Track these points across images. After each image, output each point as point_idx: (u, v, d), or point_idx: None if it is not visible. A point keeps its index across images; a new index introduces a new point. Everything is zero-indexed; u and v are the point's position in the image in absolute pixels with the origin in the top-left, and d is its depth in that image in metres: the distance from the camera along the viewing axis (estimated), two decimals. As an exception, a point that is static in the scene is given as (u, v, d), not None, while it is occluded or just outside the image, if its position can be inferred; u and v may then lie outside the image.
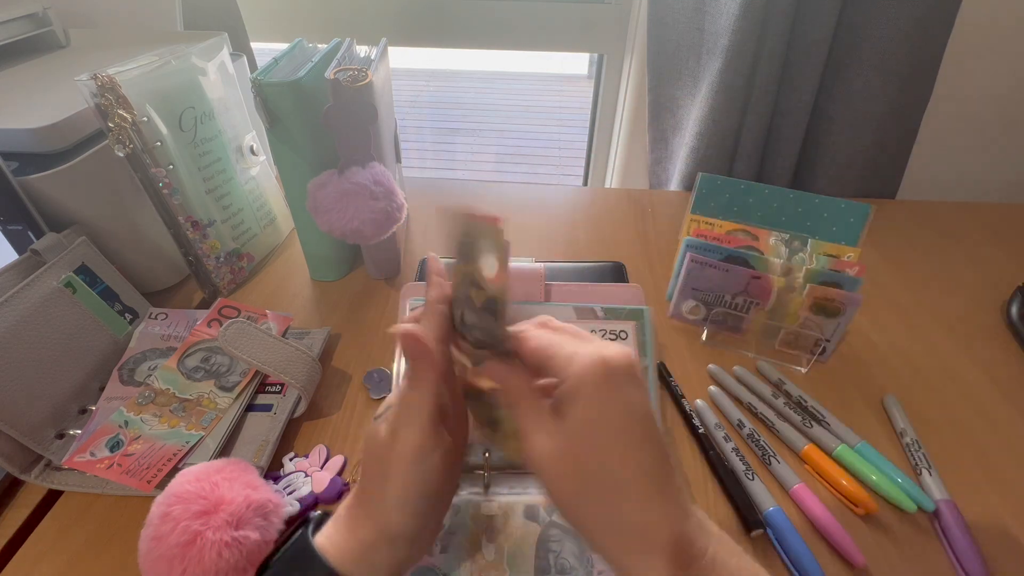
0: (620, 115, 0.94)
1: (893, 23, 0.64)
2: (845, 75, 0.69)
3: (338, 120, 0.47)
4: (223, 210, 0.57)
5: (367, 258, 0.60)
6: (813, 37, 0.66)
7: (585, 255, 0.64)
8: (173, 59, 0.51)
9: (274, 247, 0.65)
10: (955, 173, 0.85)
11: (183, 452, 0.40)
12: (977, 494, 0.40)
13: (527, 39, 0.87)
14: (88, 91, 0.44)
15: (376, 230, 0.50)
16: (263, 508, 0.34)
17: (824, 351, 0.50)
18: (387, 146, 0.56)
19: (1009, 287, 0.58)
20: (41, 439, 0.40)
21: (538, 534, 0.36)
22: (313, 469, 0.41)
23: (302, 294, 0.59)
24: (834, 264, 0.48)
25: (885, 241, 0.67)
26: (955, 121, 0.80)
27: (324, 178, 0.50)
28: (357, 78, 0.46)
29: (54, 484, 0.40)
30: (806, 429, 0.44)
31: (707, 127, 0.73)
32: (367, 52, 0.57)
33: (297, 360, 0.44)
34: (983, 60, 0.75)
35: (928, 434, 0.44)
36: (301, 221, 0.56)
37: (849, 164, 0.74)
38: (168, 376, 0.45)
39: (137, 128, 0.46)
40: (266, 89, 0.47)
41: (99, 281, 0.47)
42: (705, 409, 0.46)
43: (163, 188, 0.50)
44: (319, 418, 0.46)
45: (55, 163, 0.45)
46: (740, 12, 0.63)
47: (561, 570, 0.34)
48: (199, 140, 0.53)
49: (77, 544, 0.37)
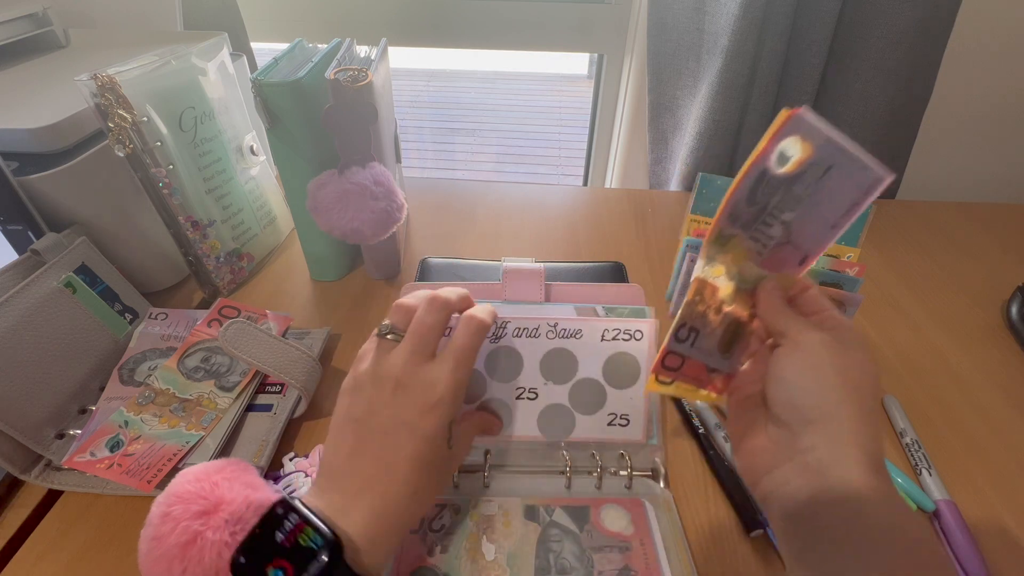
0: (620, 115, 0.94)
1: (893, 23, 0.64)
2: (845, 75, 0.69)
3: (338, 120, 0.47)
4: (223, 210, 0.57)
5: (367, 258, 0.60)
6: (813, 37, 0.66)
7: (585, 255, 0.64)
8: (173, 59, 0.51)
9: (274, 247, 0.65)
10: (955, 173, 0.85)
11: (183, 452, 0.40)
12: (977, 494, 0.40)
13: (527, 39, 0.87)
14: (88, 91, 0.44)
15: (376, 230, 0.50)
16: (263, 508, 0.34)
17: (824, 351, 0.50)
18: (387, 146, 0.56)
19: (1009, 287, 0.58)
20: (41, 439, 0.40)
21: (538, 534, 0.36)
22: (313, 469, 0.41)
23: (302, 294, 0.59)
24: (834, 264, 0.48)
25: (885, 241, 0.67)
26: (955, 121, 0.80)
27: (324, 178, 0.50)
28: (357, 78, 0.46)
29: (54, 484, 0.40)
30: (806, 429, 0.44)
31: (707, 127, 0.73)
32: (367, 52, 0.57)
33: (297, 360, 0.44)
34: (983, 60, 0.75)
35: (928, 434, 0.44)
36: (301, 221, 0.56)
37: (849, 164, 0.74)
38: (168, 376, 0.45)
39: (137, 128, 0.46)
40: (266, 89, 0.47)
41: (99, 281, 0.47)
42: (705, 409, 0.46)
43: (163, 188, 0.50)
44: (319, 418, 0.46)
45: (55, 163, 0.45)
46: (740, 12, 0.63)
47: (561, 570, 0.34)
48: (199, 140, 0.53)
49: (77, 544, 0.37)
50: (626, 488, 0.39)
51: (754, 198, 0.28)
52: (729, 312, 0.31)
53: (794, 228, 0.29)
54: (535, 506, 0.38)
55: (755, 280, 0.30)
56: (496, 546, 0.36)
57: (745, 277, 0.30)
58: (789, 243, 0.29)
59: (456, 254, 0.63)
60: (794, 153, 0.27)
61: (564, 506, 0.38)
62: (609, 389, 0.40)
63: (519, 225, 0.70)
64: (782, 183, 0.28)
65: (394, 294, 0.59)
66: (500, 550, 0.35)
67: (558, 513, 0.38)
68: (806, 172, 0.27)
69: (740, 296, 0.31)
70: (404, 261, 0.63)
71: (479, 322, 0.35)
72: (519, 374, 0.40)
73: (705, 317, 0.31)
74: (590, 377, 0.40)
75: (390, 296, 0.58)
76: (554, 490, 0.39)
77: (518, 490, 0.39)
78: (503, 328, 0.39)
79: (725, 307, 0.31)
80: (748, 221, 0.29)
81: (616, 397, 0.40)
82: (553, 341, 0.40)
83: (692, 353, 0.32)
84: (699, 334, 0.32)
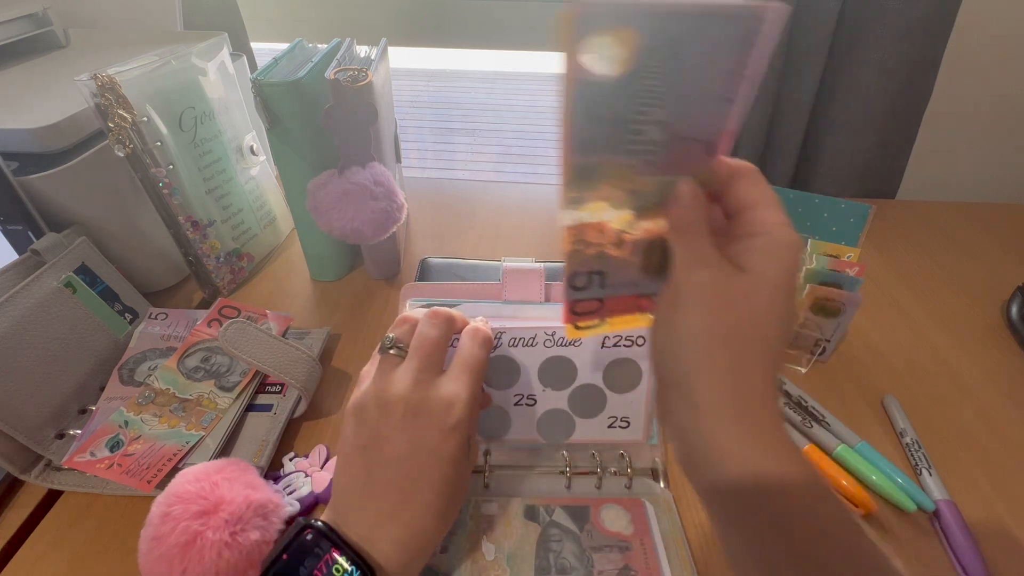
0: (620, 115, 0.93)
1: (893, 23, 0.64)
2: (845, 75, 0.69)
3: (338, 120, 0.47)
4: (223, 210, 0.57)
5: (367, 258, 0.60)
6: (813, 37, 0.66)
7: (585, 255, 0.64)
8: (173, 59, 0.51)
9: (274, 247, 0.65)
10: (955, 173, 0.85)
11: (183, 452, 0.40)
12: (977, 494, 0.40)
13: (527, 39, 0.87)
14: (88, 91, 0.44)
15: (376, 230, 0.50)
16: (263, 508, 0.34)
17: (824, 351, 0.50)
18: (387, 146, 0.56)
19: (1009, 287, 0.58)
20: (41, 439, 0.40)
21: (538, 534, 0.36)
22: (313, 469, 0.41)
23: (302, 294, 0.59)
24: (834, 264, 0.48)
25: (885, 241, 0.67)
26: (955, 121, 0.79)
27: (324, 178, 0.50)
28: (357, 78, 0.46)
29: (54, 484, 0.40)
30: (806, 429, 0.44)
31: (707, 127, 0.72)
32: (367, 52, 0.57)
33: (297, 360, 0.44)
34: (983, 60, 0.75)
35: (928, 434, 0.44)
36: (301, 221, 0.56)
37: (849, 164, 0.74)
38: (168, 376, 0.45)
39: (137, 128, 0.46)
40: (266, 89, 0.47)
41: (99, 281, 0.47)
42: (705, 409, 0.46)
43: (163, 188, 0.50)
44: (319, 418, 0.46)
45: (55, 163, 0.45)
46: (740, 12, 0.63)
47: (561, 570, 0.34)
48: (199, 140, 0.53)
49: (77, 544, 0.37)
50: (626, 488, 0.39)
51: (596, 115, 0.23)
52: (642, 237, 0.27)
53: (676, 122, 0.24)
54: (535, 506, 0.38)
55: (661, 191, 0.26)
56: (496, 546, 0.36)
57: (644, 193, 0.26)
58: (681, 139, 0.24)
59: (456, 254, 0.63)
60: (614, 50, 0.21)
61: (564, 506, 0.38)
62: (609, 394, 0.40)
63: (519, 225, 0.70)
64: (623, 85, 0.22)
65: (394, 294, 0.59)
66: (500, 550, 0.35)
67: (558, 513, 0.38)
68: (647, 61, 0.22)
69: (649, 215, 0.27)
70: (404, 261, 0.63)
71: (484, 334, 0.34)
72: (516, 382, 0.39)
73: (604, 257, 0.28)
74: (590, 383, 0.39)
75: (390, 296, 0.58)
76: (554, 490, 0.39)
77: (518, 490, 0.39)
78: (499, 338, 0.39)
79: (628, 236, 0.27)
80: (608, 141, 0.24)
81: (617, 401, 0.40)
82: (551, 349, 0.39)
83: (608, 292, 0.29)
84: (605, 274, 0.28)
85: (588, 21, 0.20)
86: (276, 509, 0.35)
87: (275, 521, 0.35)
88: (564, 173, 0.25)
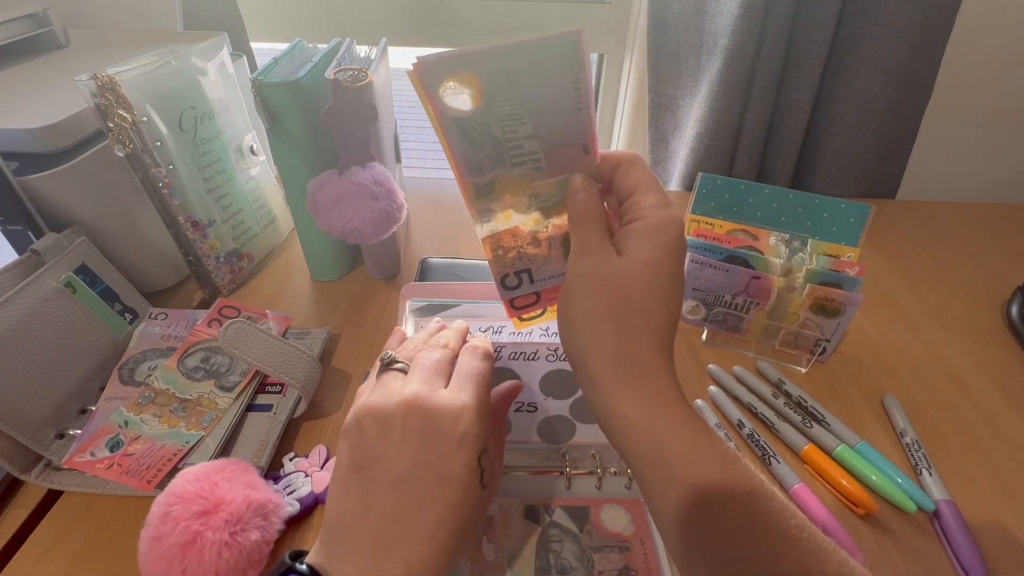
0: (620, 115, 0.94)
1: (893, 23, 0.64)
2: (845, 75, 0.69)
3: (338, 120, 0.47)
4: (223, 210, 0.56)
5: (367, 258, 0.60)
6: (813, 37, 0.66)
7: (585, 255, 0.64)
8: (173, 59, 0.51)
9: (274, 247, 0.65)
10: (955, 173, 0.85)
11: (183, 452, 0.40)
12: (977, 494, 0.40)
13: (527, 39, 0.87)
14: (88, 91, 0.43)
15: (376, 230, 0.50)
16: (263, 508, 0.34)
17: (824, 351, 0.50)
18: (387, 146, 0.56)
19: (1009, 287, 0.58)
20: (41, 439, 0.40)
21: (538, 534, 0.36)
22: (313, 469, 0.41)
23: (302, 294, 0.59)
24: (834, 264, 0.48)
25: (885, 241, 0.67)
26: (955, 121, 0.80)
27: (324, 178, 0.50)
28: (357, 78, 0.46)
29: (54, 484, 0.40)
30: (806, 429, 0.44)
31: (707, 127, 0.72)
32: (367, 52, 0.57)
33: (297, 360, 0.44)
34: (983, 60, 0.75)
35: (928, 434, 0.44)
36: (301, 221, 0.56)
37: (849, 164, 0.74)
38: (168, 376, 0.45)
39: (137, 128, 0.46)
40: (266, 89, 0.47)
41: (99, 281, 0.47)
42: (705, 409, 0.46)
43: (163, 188, 0.50)
44: (319, 418, 0.46)
45: (55, 163, 0.45)
46: (740, 12, 0.63)
47: (561, 570, 0.34)
48: (199, 140, 0.53)
49: (77, 544, 0.37)
50: (626, 488, 0.39)
51: (475, 141, 0.26)
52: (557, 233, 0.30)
53: (545, 133, 0.26)
54: (535, 506, 0.38)
55: (559, 190, 0.29)
56: (496, 546, 0.36)
57: (545, 195, 0.29)
58: (554, 146, 0.27)
59: (456, 254, 0.63)
60: (462, 90, 0.24)
61: (564, 506, 0.38)
62: None
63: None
64: (484, 113, 0.25)
65: (394, 294, 0.59)
66: (500, 550, 0.35)
67: (558, 513, 0.38)
68: (494, 92, 0.25)
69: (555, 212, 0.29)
70: (404, 261, 0.63)
71: (484, 349, 0.33)
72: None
73: (524, 256, 0.31)
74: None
75: (390, 296, 0.58)
76: (554, 490, 0.39)
77: (518, 490, 0.39)
78: (498, 352, 0.38)
79: (542, 234, 0.30)
80: (493, 159, 0.27)
81: None
82: (553, 363, 0.39)
83: (540, 285, 0.32)
84: (531, 270, 0.31)
85: (429, 74, 0.24)
86: (276, 509, 0.35)
87: (275, 521, 0.35)
88: (465, 194, 0.28)
